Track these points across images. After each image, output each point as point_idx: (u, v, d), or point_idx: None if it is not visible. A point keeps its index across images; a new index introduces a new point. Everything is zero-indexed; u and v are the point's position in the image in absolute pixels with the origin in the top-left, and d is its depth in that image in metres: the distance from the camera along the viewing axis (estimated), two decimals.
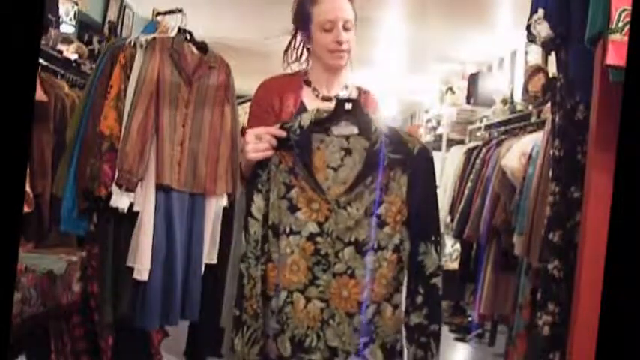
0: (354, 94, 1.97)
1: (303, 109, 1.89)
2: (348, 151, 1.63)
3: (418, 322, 1.64)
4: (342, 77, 1.98)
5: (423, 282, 1.64)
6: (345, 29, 1.87)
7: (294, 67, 2.02)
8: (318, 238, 1.61)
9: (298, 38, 1.99)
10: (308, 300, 1.61)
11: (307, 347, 1.60)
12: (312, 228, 1.61)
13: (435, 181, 1.68)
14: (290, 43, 2.01)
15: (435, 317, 1.66)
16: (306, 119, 1.63)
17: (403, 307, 1.67)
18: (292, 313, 1.61)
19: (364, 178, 1.60)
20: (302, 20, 1.93)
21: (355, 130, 1.64)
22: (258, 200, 1.62)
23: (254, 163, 1.64)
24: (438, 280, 1.66)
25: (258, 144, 1.62)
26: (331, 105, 1.69)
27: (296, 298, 1.61)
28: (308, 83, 1.96)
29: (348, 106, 1.64)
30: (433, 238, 1.65)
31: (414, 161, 1.62)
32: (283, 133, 1.62)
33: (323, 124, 1.64)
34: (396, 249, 1.62)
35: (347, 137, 1.64)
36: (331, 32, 1.87)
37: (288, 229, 1.61)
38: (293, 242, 1.61)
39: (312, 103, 1.91)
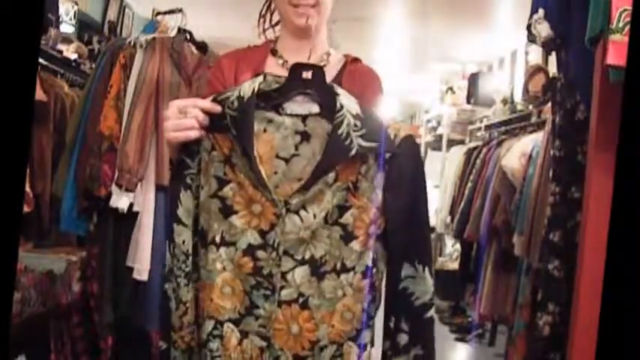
0: (336, 62, 1.59)
1: None
2: (305, 136, 1.21)
3: None
4: (317, 42, 1.57)
5: (410, 316, 1.23)
6: None
7: (270, 36, 1.67)
8: (260, 253, 1.20)
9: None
10: (244, 335, 1.21)
11: None
12: (252, 238, 1.20)
13: (424, 179, 1.26)
14: (264, 5, 1.67)
15: None
16: (247, 89, 1.19)
17: (374, 350, 1.29)
18: (221, 352, 1.21)
19: (324, 172, 1.18)
20: None
21: (315, 109, 1.22)
22: (186, 200, 1.22)
23: (178, 147, 1.23)
24: (431, 314, 1.24)
25: (181, 120, 1.20)
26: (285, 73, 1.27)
27: (227, 331, 1.20)
28: (274, 53, 1.58)
29: (307, 74, 1.21)
30: (423, 258, 1.23)
31: (395, 153, 1.20)
32: (217, 108, 1.20)
33: (272, 98, 1.22)
34: (367, 272, 1.21)
35: (304, 117, 1.22)
36: None
37: (219, 239, 1.20)
38: (226, 256, 1.20)
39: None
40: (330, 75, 1.51)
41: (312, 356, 1.21)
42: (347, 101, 1.20)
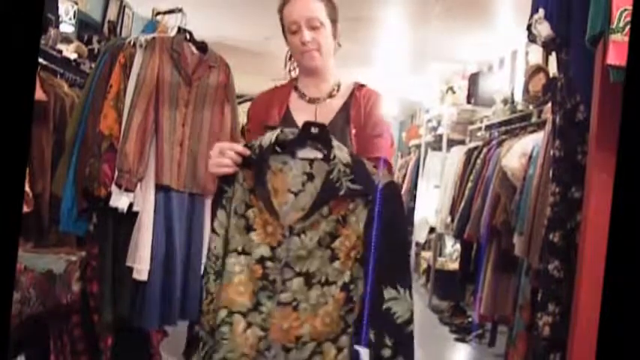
0: (346, 89, 1.93)
1: (288, 114, 1.88)
2: (310, 177, 1.57)
3: None
4: (327, 76, 1.93)
5: (393, 332, 1.49)
6: (311, 28, 1.84)
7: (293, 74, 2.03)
8: (268, 263, 1.55)
9: None
10: (248, 325, 1.53)
11: None
12: (264, 251, 1.55)
13: (403, 217, 1.59)
14: (287, 53, 2.01)
15: None
16: (266, 139, 1.58)
17: (346, 351, 1.53)
18: (229, 335, 1.52)
19: (320, 206, 1.53)
20: (281, 26, 1.95)
21: (319, 155, 1.58)
22: (221, 216, 1.60)
23: (218, 177, 1.63)
24: (412, 328, 1.51)
25: (220, 159, 1.61)
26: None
27: (236, 320, 1.53)
28: (296, 88, 1.95)
29: (315, 130, 1.58)
30: (405, 282, 1.52)
31: (377, 196, 1.52)
32: (247, 152, 1.59)
33: (288, 145, 1.58)
34: (345, 287, 1.52)
35: (311, 161, 1.58)
36: (297, 34, 1.86)
37: (240, 248, 1.57)
38: (244, 262, 1.56)
39: (298, 107, 1.90)
40: (341, 101, 1.90)
41: (296, 348, 1.52)
42: (339, 152, 1.56)
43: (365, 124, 1.84)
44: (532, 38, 2.08)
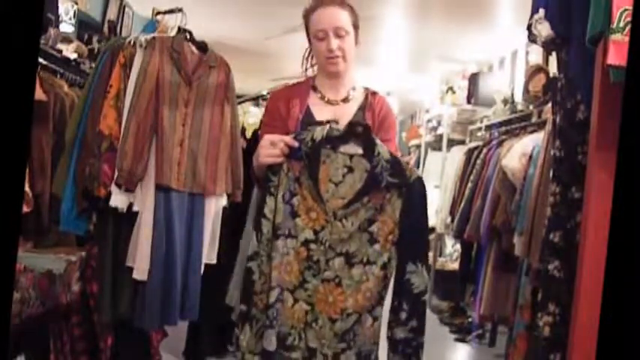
0: (360, 94, 2.07)
1: (309, 113, 1.99)
2: (350, 169, 1.76)
3: (403, 337, 1.75)
4: (345, 80, 2.05)
5: (410, 299, 1.74)
6: (338, 36, 1.95)
7: (310, 73, 2.12)
8: (312, 245, 1.74)
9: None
10: (296, 301, 1.73)
11: (289, 345, 1.72)
12: (308, 235, 1.74)
13: (426, 207, 1.80)
14: (306, 50, 2.11)
15: (421, 331, 1.76)
16: (318, 134, 1.76)
17: (382, 320, 1.77)
18: (281, 311, 1.71)
19: (362, 196, 1.73)
20: (306, 30, 2.04)
21: (360, 151, 1.77)
22: (270, 202, 1.75)
23: (265, 167, 1.77)
24: (425, 298, 1.78)
25: (271, 149, 1.76)
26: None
27: (286, 296, 1.72)
28: (314, 89, 2.05)
29: (359, 129, 1.77)
30: (423, 259, 1.77)
31: (409, 188, 1.76)
32: (296, 143, 1.76)
33: (332, 140, 1.77)
34: (384, 266, 1.75)
35: (351, 156, 1.77)
36: (324, 41, 1.96)
37: (287, 232, 1.74)
38: (290, 245, 1.74)
39: (318, 107, 2.01)
40: (356, 104, 2.04)
41: (340, 320, 1.73)
42: (382, 150, 1.76)
43: (378, 128, 1.99)
44: (532, 38, 2.08)
